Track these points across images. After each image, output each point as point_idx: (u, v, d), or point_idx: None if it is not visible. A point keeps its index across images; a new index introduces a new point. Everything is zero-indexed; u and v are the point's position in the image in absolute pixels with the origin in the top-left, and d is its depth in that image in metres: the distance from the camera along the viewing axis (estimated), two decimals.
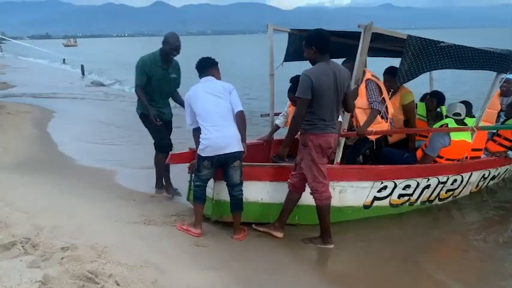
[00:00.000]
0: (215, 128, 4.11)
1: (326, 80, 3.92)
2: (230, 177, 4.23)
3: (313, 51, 4.00)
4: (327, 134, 4.06)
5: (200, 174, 4.26)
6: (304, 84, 3.91)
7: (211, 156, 4.12)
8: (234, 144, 4.13)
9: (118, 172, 6.46)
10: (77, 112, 12.14)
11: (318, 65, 4.00)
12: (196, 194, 4.32)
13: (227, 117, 4.19)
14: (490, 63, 4.90)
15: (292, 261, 3.99)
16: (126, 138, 8.67)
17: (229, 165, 4.16)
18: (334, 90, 3.98)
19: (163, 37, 5.24)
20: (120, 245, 3.70)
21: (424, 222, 5.06)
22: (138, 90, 5.25)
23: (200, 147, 4.17)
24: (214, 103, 4.17)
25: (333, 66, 4.02)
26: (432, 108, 6.02)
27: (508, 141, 5.88)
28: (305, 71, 3.99)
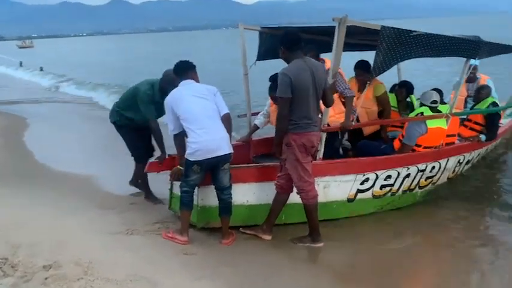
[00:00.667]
0: (204, 130, 3.97)
1: (304, 77, 3.90)
2: (220, 180, 4.13)
3: (282, 51, 4.02)
4: (309, 133, 4.04)
5: (189, 179, 4.12)
6: (284, 83, 3.87)
7: (201, 160, 3.99)
8: (224, 147, 4.04)
9: (94, 179, 6.26)
10: (47, 117, 11.71)
11: (294, 62, 3.97)
12: (184, 200, 4.18)
13: (215, 119, 4.08)
14: (460, 49, 4.99)
15: (284, 262, 3.96)
16: (100, 142, 8.41)
17: (219, 168, 4.06)
18: (313, 87, 3.96)
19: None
20: (105, 259, 3.57)
21: (407, 217, 5.13)
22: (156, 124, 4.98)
23: (189, 152, 4.02)
24: (200, 105, 4.04)
25: (309, 63, 4.00)
26: (402, 98, 6.11)
27: (478, 125, 6.04)
28: (283, 69, 3.96)
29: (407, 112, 6.07)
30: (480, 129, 6.01)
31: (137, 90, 5.02)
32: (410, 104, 6.15)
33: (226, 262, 3.89)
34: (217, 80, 16.58)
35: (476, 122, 6.05)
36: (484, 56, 5.33)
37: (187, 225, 4.25)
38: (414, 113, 5.47)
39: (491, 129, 5.97)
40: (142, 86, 5.02)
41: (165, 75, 4.94)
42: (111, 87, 18.01)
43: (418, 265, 4.05)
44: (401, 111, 6.08)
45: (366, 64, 5.61)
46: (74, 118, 11.79)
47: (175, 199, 4.69)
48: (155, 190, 5.41)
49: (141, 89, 4.99)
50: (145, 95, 4.93)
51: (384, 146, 5.59)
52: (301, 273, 3.80)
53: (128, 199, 5.44)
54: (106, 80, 20.22)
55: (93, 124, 10.04)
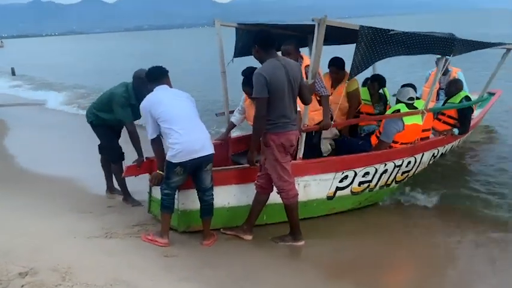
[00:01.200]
0: (186, 130, 3.92)
1: (280, 76, 3.89)
2: (202, 181, 4.08)
3: (256, 49, 4.00)
4: (287, 132, 4.03)
5: (170, 182, 4.05)
6: (259, 83, 3.85)
7: (184, 161, 3.92)
8: (207, 147, 4.01)
9: (69, 182, 6.14)
10: (18, 119, 11.43)
11: (268, 61, 3.95)
12: (165, 202, 4.11)
13: (195, 119, 4.05)
14: (436, 47, 5.07)
15: (266, 261, 3.97)
16: (76, 145, 8.26)
17: (202, 170, 4.01)
18: (288, 85, 3.95)
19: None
20: (84, 264, 3.51)
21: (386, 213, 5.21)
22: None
23: (171, 154, 3.94)
24: (180, 106, 4.01)
25: (283, 62, 4.00)
26: (375, 91, 6.17)
27: (452, 119, 6.15)
28: (258, 69, 3.94)
29: (380, 104, 6.15)
30: (453, 123, 6.12)
31: (113, 94, 4.96)
32: (383, 96, 6.22)
33: (208, 263, 3.87)
34: (195, 79, 16.58)
35: (449, 116, 6.16)
36: (458, 53, 5.42)
37: (168, 228, 4.19)
38: (391, 110, 5.54)
39: (464, 122, 6.09)
40: (117, 89, 4.96)
41: (135, 75, 4.89)
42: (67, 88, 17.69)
43: (398, 260, 4.10)
44: (375, 104, 6.15)
45: (340, 61, 5.64)
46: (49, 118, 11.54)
47: (155, 202, 4.64)
48: (132, 191, 5.34)
49: (117, 92, 4.92)
50: (122, 98, 4.87)
51: (361, 143, 5.65)
52: (283, 272, 3.80)
53: (105, 202, 5.36)
54: (72, 81, 19.79)
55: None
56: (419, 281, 3.84)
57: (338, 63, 5.62)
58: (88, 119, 5.25)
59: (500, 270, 3.91)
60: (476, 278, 3.89)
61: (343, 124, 5.58)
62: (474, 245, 4.41)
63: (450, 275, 3.98)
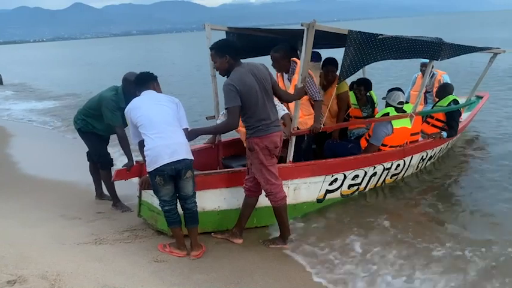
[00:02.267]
0: (159, 135, 3.83)
1: (249, 82, 3.89)
2: (182, 189, 3.95)
3: (227, 59, 3.94)
4: (271, 134, 4.03)
5: (160, 196, 3.95)
6: (231, 93, 3.84)
7: (159, 168, 3.81)
8: (181, 152, 3.85)
9: (58, 189, 6.07)
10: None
11: (235, 70, 3.95)
12: (169, 219, 4.01)
13: (173, 124, 3.93)
14: (424, 51, 5.14)
15: (257, 265, 3.94)
16: (63, 152, 8.20)
17: (181, 178, 3.89)
18: (261, 88, 3.96)
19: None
20: (73, 271, 3.46)
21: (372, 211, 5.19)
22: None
23: (147, 163, 3.88)
24: (158, 111, 3.93)
25: (249, 67, 4.00)
26: (361, 95, 6.21)
27: (440, 122, 6.21)
28: (226, 80, 3.92)
29: (367, 107, 6.19)
30: (442, 126, 6.19)
31: (102, 97, 4.93)
32: (370, 98, 6.26)
33: (198, 268, 3.84)
34: (184, 83, 16.55)
35: (438, 119, 6.22)
36: (446, 57, 5.49)
37: (183, 240, 4.09)
38: (380, 113, 5.59)
39: (452, 125, 6.16)
40: (106, 93, 4.94)
41: (124, 78, 4.87)
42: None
43: (383, 260, 4.09)
44: (362, 107, 6.19)
45: (335, 61, 5.68)
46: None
47: (145, 206, 4.62)
48: (122, 197, 5.32)
49: (106, 95, 4.90)
50: (111, 102, 4.84)
51: (350, 146, 5.68)
52: (274, 275, 3.78)
53: (94, 208, 5.31)
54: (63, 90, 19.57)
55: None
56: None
57: (334, 62, 5.67)
58: (76, 125, 5.21)
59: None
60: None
61: (332, 128, 5.60)
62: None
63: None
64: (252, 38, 5.73)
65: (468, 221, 4.80)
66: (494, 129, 8.33)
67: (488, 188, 5.62)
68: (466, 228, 4.58)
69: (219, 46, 3.99)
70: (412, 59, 5.17)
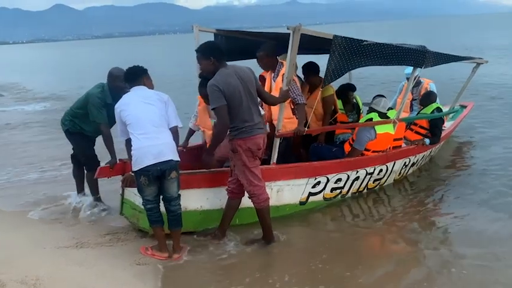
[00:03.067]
0: (145, 136, 3.81)
1: (233, 83, 3.91)
2: (166, 190, 3.93)
3: (212, 61, 3.97)
4: (254, 136, 4.04)
5: (144, 195, 3.93)
6: (215, 93, 3.86)
7: (144, 168, 3.79)
8: (166, 153, 3.84)
9: (37, 192, 5.95)
10: None
11: (220, 71, 3.97)
12: (151, 218, 3.99)
13: (160, 125, 3.91)
14: (408, 58, 5.19)
15: (239, 266, 3.93)
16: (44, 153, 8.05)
17: (166, 178, 3.88)
18: (245, 90, 3.98)
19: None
20: (54, 275, 3.43)
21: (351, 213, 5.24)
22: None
23: (132, 161, 3.86)
24: (145, 110, 3.90)
25: (234, 68, 4.02)
26: (349, 101, 6.26)
27: (423, 129, 6.29)
28: (210, 81, 3.94)
29: (353, 113, 6.25)
30: (425, 133, 6.27)
31: (88, 95, 4.90)
32: (356, 104, 6.32)
33: (180, 270, 3.82)
34: (170, 85, 16.42)
35: (421, 126, 6.30)
36: (430, 65, 5.57)
37: (165, 241, 4.05)
38: (364, 118, 5.64)
39: (435, 133, 6.24)
40: (93, 90, 4.91)
41: (110, 73, 4.86)
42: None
43: (370, 263, 4.12)
44: (348, 113, 6.25)
45: (314, 66, 5.71)
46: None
47: (127, 204, 4.57)
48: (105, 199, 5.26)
49: (92, 93, 4.87)
50: (97, 99, 4.80)
51: (335, 149, 5.71)
52: (256, 277, 3.77)
53: (76, 211, 5.21)
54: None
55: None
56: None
57: (313, 68, 5.69)
58: (64, 126, 5.13)
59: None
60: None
61: (317, 131, 5.63)
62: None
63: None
64: (239, 40, 5.73)
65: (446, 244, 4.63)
66: (477, 137, 8.43)
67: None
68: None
69: (204, 48, 4.02)
70: (396, 65, 5.23)
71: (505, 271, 3.74)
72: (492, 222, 4.73)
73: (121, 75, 4.45)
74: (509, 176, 6.07)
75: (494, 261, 3.89)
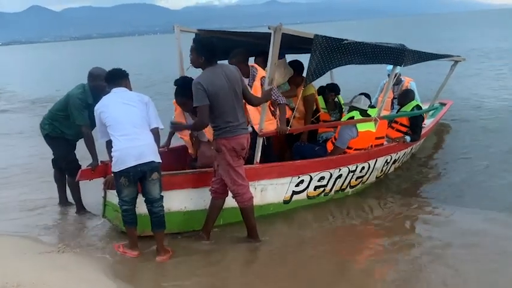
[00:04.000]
0: (126, 137, 3.80)
1: (219, 83, 3.94)
2: (148, 192, 3.91)
3: (202, 60, 4.03)
4: (238, 136, 4.07)
5: (122, 196, 3.91)
6: (199, 92, 3.89)
7: (124, 170, 3.77)
8: (147, 154, 3.82)
9: (20, 195, 5.85)
10: None
11: (207, 70, 4.01)
12: (126, 218, 3.99)
13: (140, 126, 3.89)
14: (388, 57, 5.27)
15: (225, 265, 3.93)
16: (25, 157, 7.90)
17: (147, 179, 3.86)
18: (231, 90, 4.01)
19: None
20: (36, 280, 3.37)
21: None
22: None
23: (113, 162, 3.84)
24: (125, 112, 3.88)
25: (222, 68, 4.05)
26: (331, 100, 6.31)
27: (404, 127, 6.38)
28: (196, 78, 3.98)
29: (336, 112, 6.30)
30: (406, 131, 6.36)
31: (69, 96, 4.83)
32: (338, 104, 6.38)
33: (163, 272, 3.80)
34: (148, 86, 16.30)
35: (402, 124, 6.39)
36: (409, 63, 5.66)
37: (136, 240, 4.08)
38: (345, 117, 5.69)
39: (416, 130, 6.34)
40: (73, 91, 4.84)
41: (90, 74, 4.81)
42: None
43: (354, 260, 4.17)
44: (330, 111, 6.30)
45: (300, 64, 5.73)
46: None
47: (109, 207, 4.52)
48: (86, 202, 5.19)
49: (73, 94, 4.80)
50: (77, 100, 4.74)
51: (317, 148, 5.75)
52: (241, 275, 3.79)
53: (58, 216, 5.16)
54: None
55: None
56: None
57: (297, 67, 5.71)
58: (43, 131, 5.03)
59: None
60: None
61: (299, 130, 5.66)
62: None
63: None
64: (220, 40, 5.71)
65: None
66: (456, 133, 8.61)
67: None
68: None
69: (200, 46, 4.09)
70: (376, 64, 5.29)
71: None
72: (474, 216, 4.87)
73: (102, 74, 4.43)
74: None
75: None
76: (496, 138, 7.84)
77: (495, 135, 8.07)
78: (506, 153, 6.98)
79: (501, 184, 5.79)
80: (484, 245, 4.18)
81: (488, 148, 7.31)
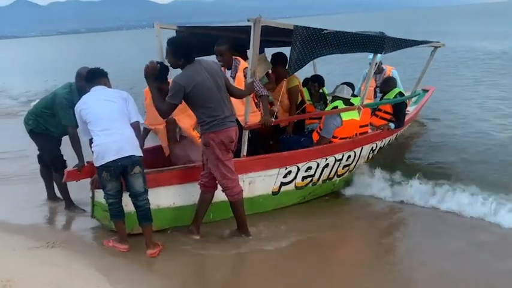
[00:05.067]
0: (105, 132, 3.84)
1: (200, 79, 3.95)
2: (131, 185, 3.95)
3: (182, 61, 4.00)
4: (226, 129, 4.09)
5: (106, 190, 3.96)
6: (175, 90, 3.91)
7: (105, 164, 3.82)
8: (127, 148, 3.85)
9: (7, 192, 5.87)
10: None
11: (187, 67, 4.00)
12: (112, 212, 4.04)
13: (120, 121, 3.93)
14: (368, 45, 5.32)
15: (216, 260, 3.98)
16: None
17: (128, 173, 3.90)
18: (214, 84, 4.02)
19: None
20: (25, 276, 3.40)
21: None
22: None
23: (94, 157, 3.88)
24: (105, 107, 3.92)
25: (201, 64, 4.05)
26: (315, 91, 6.37)
27: (388, 114, 6.46)
28: (175, 77, 3.99)
29: (320, 103, 6.36)
30: (390, 118, 6.44)
31: (55, 95, 4.83)
32: (323, 95, 6.43)
33: (153, 266, 3.85)
34: (134, 81, 16.15)
35: (385, 111, 6.46)
36: (389, 51, 5.71)
37: (125, 234, 4.13)
38: (329, 107, 5.74)
39: (399, 117, 6.42)
40: (60, 90, 4.85)
41: (77, 74, 4.80)
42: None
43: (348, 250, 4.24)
44: (315, 103, 6.35)
45: (284, 57, 5.77)
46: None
47: (98, 207, 4.55)
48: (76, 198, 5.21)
49: (59, 93, 4.81)
50: (63, 100, 4.74)
51: (303, 139, 5.80)
52: (232, 270, 3.86)
53: (47, 211, 5.19)
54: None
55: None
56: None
57: (280, 59, 5.75)
58: (27, 126, 5.03)
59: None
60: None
61: (284, 121, 5.71)
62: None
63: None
64: (199, 36, 5.71)
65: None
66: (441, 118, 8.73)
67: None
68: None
69: (176, 48, 4.01)
70: (357, 53, 5.34)
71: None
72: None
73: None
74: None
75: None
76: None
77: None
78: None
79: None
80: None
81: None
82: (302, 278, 3.68)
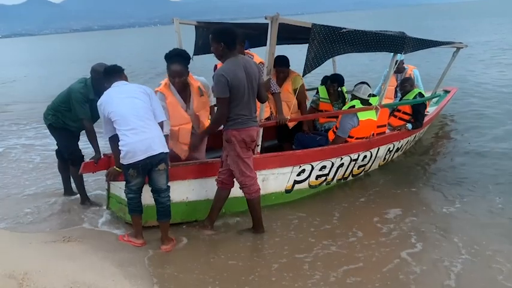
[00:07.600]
0: (133, 131, 3.81)
1: (240, 76, 3.94)
2: (155, 182, 3.96)
3: (222, 47, 3.98)
4: (249, 128, 4.09)
5: (130, 185, 3.96)
6: (221, 84, 3.89)
7: (134, 163, 3.82)
8: (155, 146, 3.85)
9: (23, 187, 5.91)
10: None
11: (229, 61, 3.98)
12: (131, 206, 4.05)
13: (146, 118, 3.90)
14: (387, 45, 5.25)
15: (229, 256, 3.96)
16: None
17: (153, 169, 3.90)
18: (248, 84, 4.01)
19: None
20: (42, 269, 3.42)
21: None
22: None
23: (121, 156, 3.86)
24: (130, 105, 3.88)
25: (243, 61, 4.04)
26: (334, 91, 6.32)
27: (407, 115, 6.37)
28: (219, 70, 3.97)
29: (339, 102, 6.31)
30: (408, 119, 6.35)
31: (71, 90, 4.85)
32: (341, 94, 6.39)
33: (168, 262, 3.85)
34: (152, 79, 16.28)
35: (404, 112, 6.38)
36: (409, 51, 5.63)
37: (141, 229, 4.15)
38: (346, 106, 5.70)
39: (418, 118, 6.33)
40: (75, 85, 4.86)
41: (92, 69, 4.82)
42: None
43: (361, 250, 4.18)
44: (333, 102, 6.31)
45: (284, 60, 5.72)
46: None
47: (113, 199, 4.58)
48: (91, 194, 5.27)
49: (74, 88, 4.82)
50: (79, 94, 4.76)
51: (319, 138, 5.78)
52: (244, 267, 3.81)
53: (63, 205, 5.21)
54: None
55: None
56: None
57: (282, 62, 5.69)
58: (46, 121, 5.07)
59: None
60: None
61: (297, 119, 5.68)
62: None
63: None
64: None
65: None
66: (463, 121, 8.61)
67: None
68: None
69: (216, 32, 4.02)
70: (375, 52, 5.28)
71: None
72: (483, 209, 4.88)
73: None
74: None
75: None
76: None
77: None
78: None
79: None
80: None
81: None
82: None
